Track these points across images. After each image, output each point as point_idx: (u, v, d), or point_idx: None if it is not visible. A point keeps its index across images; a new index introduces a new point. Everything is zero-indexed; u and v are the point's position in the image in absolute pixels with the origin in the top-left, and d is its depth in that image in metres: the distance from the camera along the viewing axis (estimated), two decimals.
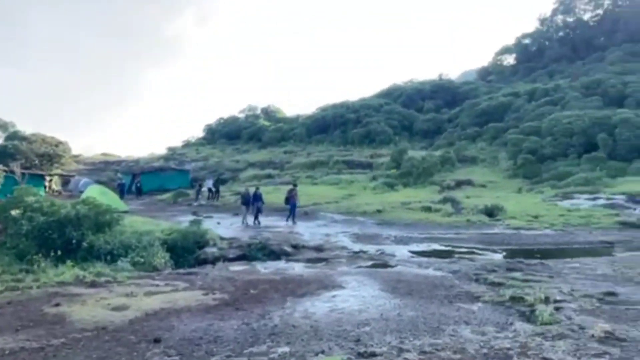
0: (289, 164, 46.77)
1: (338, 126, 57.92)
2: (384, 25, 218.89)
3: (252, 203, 19.97)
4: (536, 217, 20.03)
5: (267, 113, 75.22)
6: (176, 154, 61.19)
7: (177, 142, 72.66)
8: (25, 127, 56.49)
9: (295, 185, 21.67)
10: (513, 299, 7.70)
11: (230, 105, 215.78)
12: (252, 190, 20.79)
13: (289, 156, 50.79)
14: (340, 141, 54.79)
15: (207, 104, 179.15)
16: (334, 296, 8.11)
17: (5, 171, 24.83)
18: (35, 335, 5.87)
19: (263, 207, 20.38)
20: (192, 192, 33.50)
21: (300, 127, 61.60)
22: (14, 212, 12.56)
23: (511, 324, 6.43)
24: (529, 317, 6.74)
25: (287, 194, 20.74)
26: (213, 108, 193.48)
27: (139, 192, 35.94)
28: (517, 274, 9.84)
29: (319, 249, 14.43)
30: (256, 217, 19.67)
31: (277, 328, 6.25)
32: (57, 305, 7.32)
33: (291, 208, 20.01)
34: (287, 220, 19.84)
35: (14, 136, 52.06)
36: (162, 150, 69.52)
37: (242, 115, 74.91)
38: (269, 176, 41.23)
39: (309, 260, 12.73)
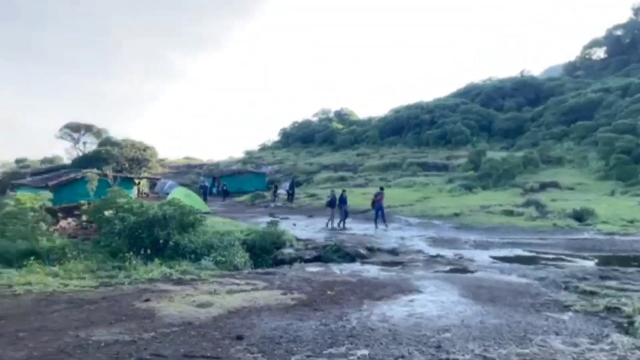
0: (361, 166, 46.70)
1: (412, 127, 56.96)
2: (461, 21, 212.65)
3: (339, 206, 20.12)
4: (632, 221, 18.47)
5: (340, 116, 75.78)
6: (253, 157, 63.28)
7: (254, 146, 75.33)
8: (116, 133, 60.78)
9: (382, 189, 21.37)
10: (608, 309, 7.16)
11: (304, 108, 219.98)
12: (338, 192, 20.95)
13: (362, 158, 50.69)
14: (414, 143, 53.84)
15: (282, 108, 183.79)
16: (411, 300, 7.95)
17: (99, 175, 26.85)
18: (127, 329, 6.19)
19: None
20: (269, 194, 34.39)
21: (373, 129, 61.30)
22: (107, 213, 13.59)
23: (607, 335, 5.96)
24: (627, 329, 6.23)
25: (373, 197, 20.62)
26: (288, 112, 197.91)
27: (225, 195, 37.17)
28: (612, 283, 9.13)
29: (394, 252, 14.24)
30: (342, 220, 19.81)
31: (355, 330, 6.22)
32: (147, 300, 7.70)
33: (376, 212, 19.88)
34: (384, 224, 19.51)
35: (107, 142, 56.08)
36: (240, 154, 72.37)
37: (315, 119, 76.18)
38: (342, 179, 41.37)
39: (384, 264, 12.58)
